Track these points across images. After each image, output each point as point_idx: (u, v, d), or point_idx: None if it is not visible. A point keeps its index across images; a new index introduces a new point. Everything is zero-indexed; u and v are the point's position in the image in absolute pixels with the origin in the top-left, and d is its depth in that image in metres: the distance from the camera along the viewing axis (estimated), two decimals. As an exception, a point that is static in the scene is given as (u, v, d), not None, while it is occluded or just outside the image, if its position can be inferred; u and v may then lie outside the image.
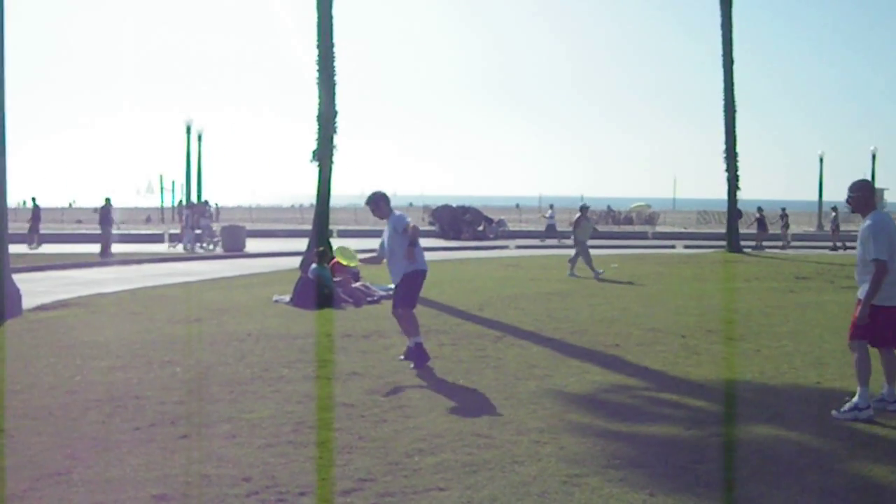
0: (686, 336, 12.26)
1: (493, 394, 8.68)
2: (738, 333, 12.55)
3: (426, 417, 7.74)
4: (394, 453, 6.67)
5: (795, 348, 11.34)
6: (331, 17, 22.69)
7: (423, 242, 11.14)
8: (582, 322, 13.54)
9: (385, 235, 10.46)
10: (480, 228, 46.82)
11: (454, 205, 50.64)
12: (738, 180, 34.82)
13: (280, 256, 29.68)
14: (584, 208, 23.45)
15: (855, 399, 7.79)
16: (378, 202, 10.49)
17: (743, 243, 34.78)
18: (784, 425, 7.51)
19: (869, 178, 53.61)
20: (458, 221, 46.58)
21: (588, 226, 22.94)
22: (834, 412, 7.79)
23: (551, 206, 48.89)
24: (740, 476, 6.16)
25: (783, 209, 43.61)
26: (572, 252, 23.15)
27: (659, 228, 59.72)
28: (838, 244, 38.69)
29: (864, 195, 8.01)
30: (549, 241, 42.82)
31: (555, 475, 6.09)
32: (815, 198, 64.85)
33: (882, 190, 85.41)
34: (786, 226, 41.72)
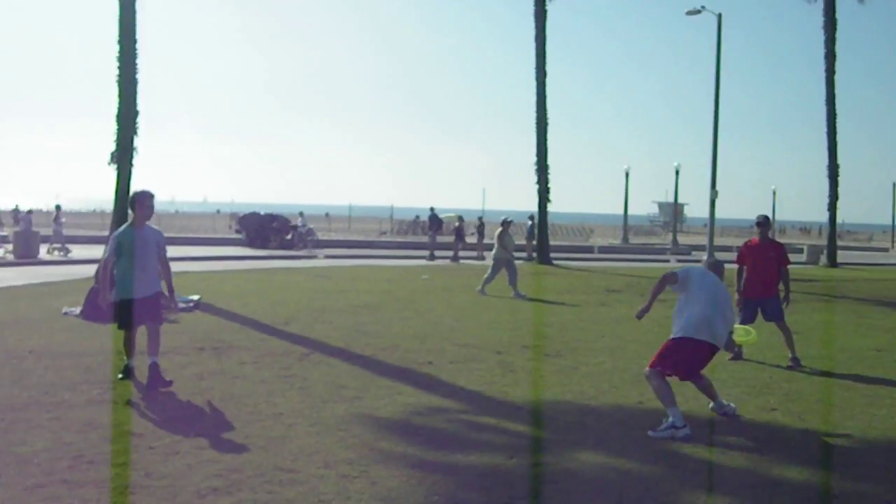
0: (502, 352, 11.82)
1: (299, 419, 7.90)
2: (555, 349, 12.21)
3: (223, 449, 6.91)
4: (184, 493, 5.84)
5: (614, 365, 11.07)
6: (134, 12, 21.29)
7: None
8: (393, 337, 12.91)
9: (138, 243, 9.34)
10: (288, 237, 45.71)
11: (262, 212, 49.31)
12: (548, 192, 35.17)
13: (76, 264, 27.80)
14: (506, 222, 22.04)
15: (670, 419, 7.61)
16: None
17: (439, 253, 35.02)
18: (610, 451, 7.05)
19: (673, 192, 55.52)
20: (266, 229, 45.29)
21: (511, 240, 21.85)
22: (650, 432, 7.53)
23: (301, 214, 48.37)
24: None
25: (479, 218, 43.86)
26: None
27: (469, 239, 60.01)
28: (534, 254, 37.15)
29: None
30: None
31: (366, 518, 5.41)
32: (622, 211, 66.70)
33: (683, 205, 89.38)
34: (481, 235, 41.21)
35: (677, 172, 60.65)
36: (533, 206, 35.73)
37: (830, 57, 37.52)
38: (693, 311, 8.13)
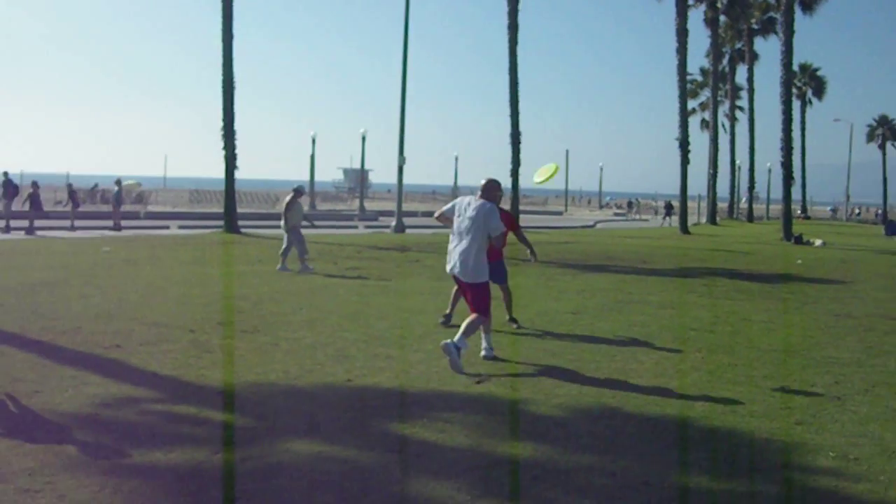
0: (195, 330, 11.04)
1: (-35, 421, 6.87)
2: (252, 325, 11.57)
3: None
4: None
5: (316, 340, 10.60)
6: None
7: None
8: (74, 318, 11.75)
9: None
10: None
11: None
12: (235, 159, 34.01)
13: None
14: (297, 190, 20.24)
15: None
16: None
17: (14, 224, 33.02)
18: (325, 438, 6.57)
19: (360, 159, 55.75)
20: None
21: (300, 209, 20.22)
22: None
23: None
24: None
25: (69, 185, 42.30)
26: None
27: (151, 208, 57.47)
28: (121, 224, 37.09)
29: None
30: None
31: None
32: (308, 177, 66.32)
33: (368, 171, 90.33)
34: (75, 204, 39.65)
35: (363, 139, 61.08)
36: (220, 173, 34.43)
37: (513, 28, 38.83)
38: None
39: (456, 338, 8.91)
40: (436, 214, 10.08)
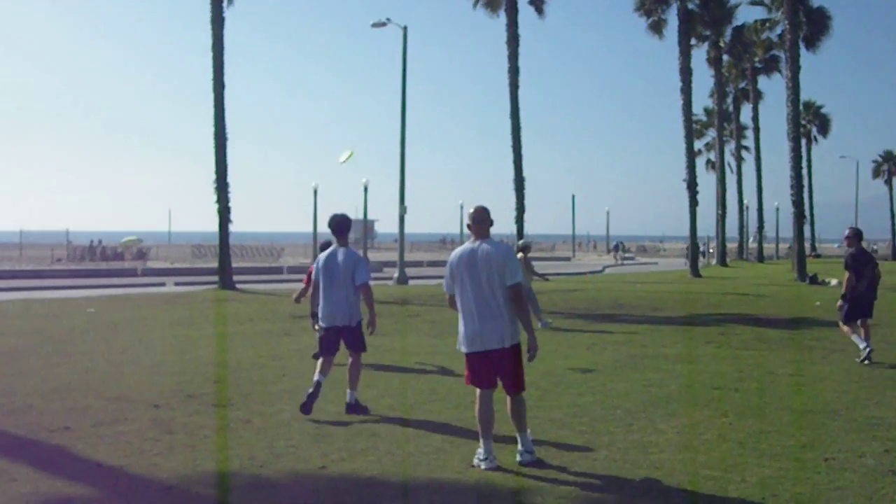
0: (160, 406, 9.86)
1: None
2: (225, 397, 10.39)
3: None
4: None
5: (293, 414, 9.39)
6: None
7: None
8: (27, 394, 10.55)
9: None
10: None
11: None
12: (229, 212, 32.96)
13: None
14: (524, 247, 18.79)
15: None
16: None
17: None
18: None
19: (362, 209, 54.88)
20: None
21: (530, 267, 18.34)
22: None
23: None
24: None
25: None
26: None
27: (151, 264, 56.50)
28: None
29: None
30: None
31: None
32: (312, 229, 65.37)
33: (373, 221, 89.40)
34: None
35: (366, 189, 60.18)
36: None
37: (514, 72, 37.97)
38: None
39: (520, 446, 7.47)
40: (448, 301, 7.73)
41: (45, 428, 8.78)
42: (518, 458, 7.40)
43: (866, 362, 13.04)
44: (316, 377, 9.57)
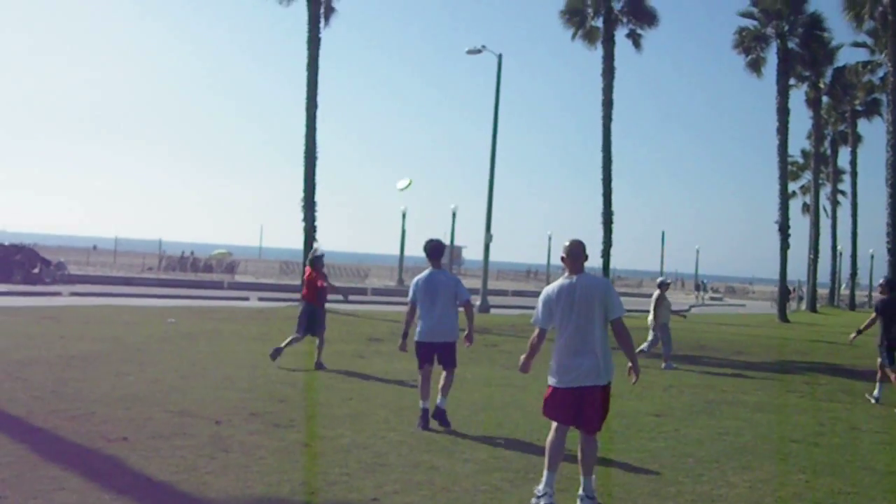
0: (222, 422, 9.75)
1: None
2: (289, 417, 10.25)
3: None
4: None
5: (354, 439, 9.19)
6: None
7: None
8: (93, 401, 10.57)
9: None
10: (36, 271, 41.77)
11: (6, 242, 44.99)
12: (315, 230, 33.24)
13: None
14: (663, 285, 19.96)
15: None
16: None
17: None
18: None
19: (449, 234, 54.81)
20: (9, 262, 41.27)
21: (668, 305, 19.58)
22: None
23: None
24: None
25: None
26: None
27: (238, 278, 57.30)
28: None
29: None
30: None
31: None
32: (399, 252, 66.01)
33: (461, 248, 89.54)
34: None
35: (454, 215, 60.44)
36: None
37: (608, 104, 37.65)
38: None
39: (581, 490, 7.16)
40: (536, 335, 7.42)
41: (103, 437, 8.73)
42: (578, 503, 7.07)
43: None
44: (421, 404, 10.12)
